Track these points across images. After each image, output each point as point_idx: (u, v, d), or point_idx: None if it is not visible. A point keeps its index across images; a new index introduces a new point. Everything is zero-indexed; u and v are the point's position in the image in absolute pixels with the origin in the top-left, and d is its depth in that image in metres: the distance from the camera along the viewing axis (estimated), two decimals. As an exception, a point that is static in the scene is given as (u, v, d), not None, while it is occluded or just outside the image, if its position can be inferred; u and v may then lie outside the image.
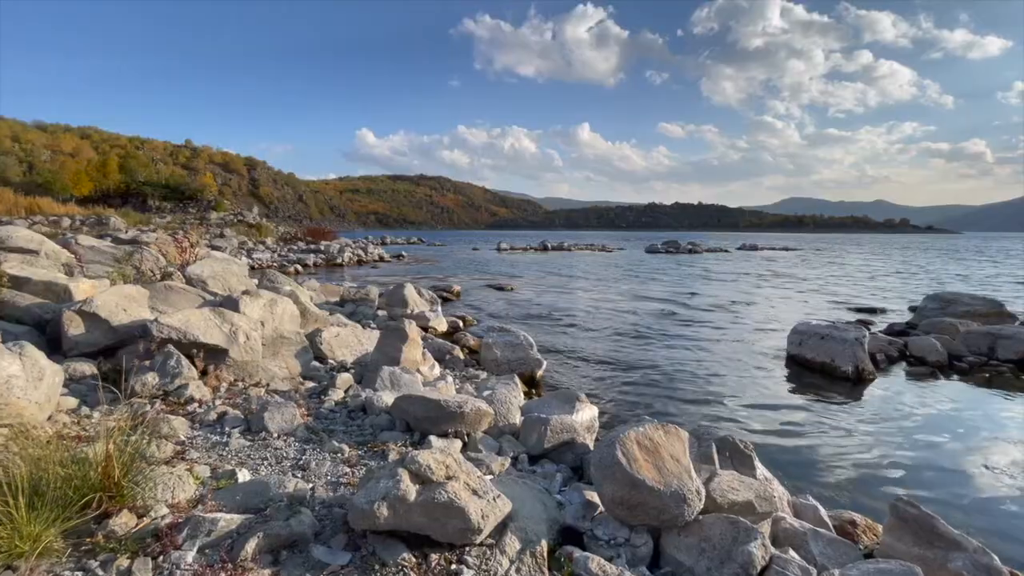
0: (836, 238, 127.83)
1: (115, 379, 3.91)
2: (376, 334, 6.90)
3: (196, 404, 3.51)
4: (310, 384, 4.60)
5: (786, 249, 54.45)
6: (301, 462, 2.73)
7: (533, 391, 6.16)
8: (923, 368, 7.57)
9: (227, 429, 3.09)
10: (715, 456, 3.05)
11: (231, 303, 5.13)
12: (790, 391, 6.51)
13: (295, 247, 32.38)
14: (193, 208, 54.17)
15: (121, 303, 4.35)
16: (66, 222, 25.37)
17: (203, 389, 3.70)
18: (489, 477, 2.80)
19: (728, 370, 7.42)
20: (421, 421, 3.20)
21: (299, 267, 22.81)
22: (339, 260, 26.77)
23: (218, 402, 3.63)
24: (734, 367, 7.59)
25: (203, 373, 4.02)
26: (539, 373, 6.55)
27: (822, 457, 4.53)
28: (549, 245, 49.01)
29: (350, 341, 6.18)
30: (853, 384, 6.84)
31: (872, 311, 13.13)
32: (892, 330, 9.84)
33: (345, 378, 4.36)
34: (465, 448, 3.14)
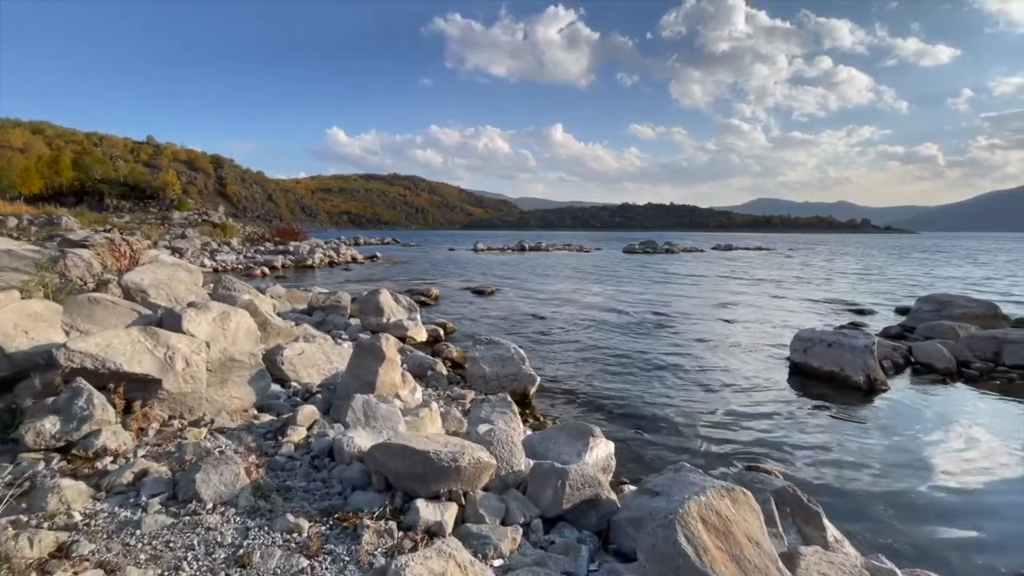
0: (804, 238, 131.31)
1: (9, 423, 3.07)
2: (348, 349, 6.12)
3: (109, 458, 2.71)
4: (266, 418, 3.82)
5: (759, 249, 55.28)
6: (241, 552, 1.98)
7: (527, 412, 5.49)
8: (932, 375, 7.21)
9: (143, 499, 2.31)
10: (776, 516, 2.43)
11: (172, 319, 4.29)
12: (802, 406, 6.01)
13: (263, 248, 30.91)
14: (155, 207, 51.56)
15: (22, 323, 3.48)
16: (12, 222, 23.46)
17: (122, 436, 2.90)
18: (499, 563, 2.11)
19: (732, 381, 6.90)
20: (404, 479, 2.48)
21: (266, 269, 21.59)
22: (309, 262, 25.57)
23: (141, 453, 2.83)
24: (737, 378, 7.08)
25: (126, 411, 3.20)
26: (532, 391, 5.88)
27: (862, 491, 4.00)
28: (527, 245, 48.47)
29: (317, 359, 5.39)
30: (865, 395, 6.40)
31: (861, 312, 12.93)
32: (889, 333, 9.54)
33: (309, 412, 3.60)
34: (462, 512, 2.44)
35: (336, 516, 2.31)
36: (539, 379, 6.01)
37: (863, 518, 3.58)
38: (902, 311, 12.71)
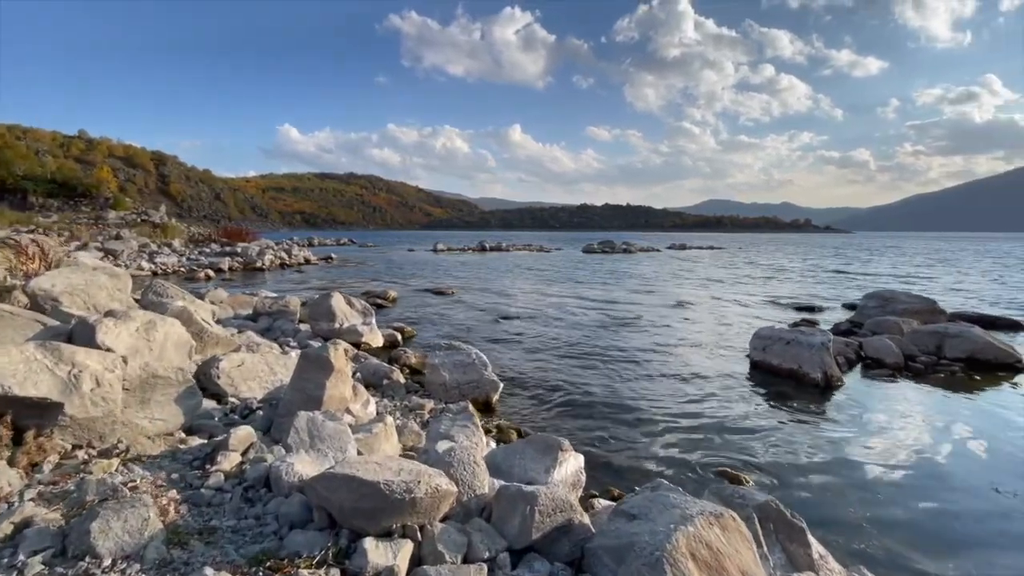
0: (751, 237, 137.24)
1: None
2: (295, 358, 5.65)
3: (-12, 503, 2.24)
4: (196, 441, 3.37)
5: (711, 248, 57.22)
6: (140, 624, 1.62)
7: (490, 420, 5.21)
8: (882, 370, 7.43)
9: (21, 557, 1.88)
10: (760, 534, 2.26)
11: (84, 331, 3.76)
12: (764, 405, 6.02)
13: (208, 250, 29.23)
14: (87, 206, 47.89)
15: None
16: (-89, 222, 21.12)
17: (6, 475, 2.42)
18: (460, 612, 1.83)
19: (695, 382, 6.87)
20: (351, 515, 2.15)
21: (211, 272, 20.36)
22: (259, 264, 24.34)
23: (29, 495, 2.36)
24: (700, 378, 7.06)
25: (16, 442, 2.71)
26: (495, 397, 5.61)
27: (830, 493, 3.96)
28: (487, 246, 48.18)
29: (259, 370, 4.91)
30: (822, 391, 6.50)
31: (811, 309, 13.39)
32: (839, 330, 9.84)
33: (244, 434, 3.18)
34: (419, 550, 2.14)
35: (268, 565, 1.96)
36: (502, 385, 5.75)
37: (834, 522, 3.52)
38: (848, 307, 13.25)
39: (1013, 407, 6.00)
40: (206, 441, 3.34)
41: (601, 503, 3.35)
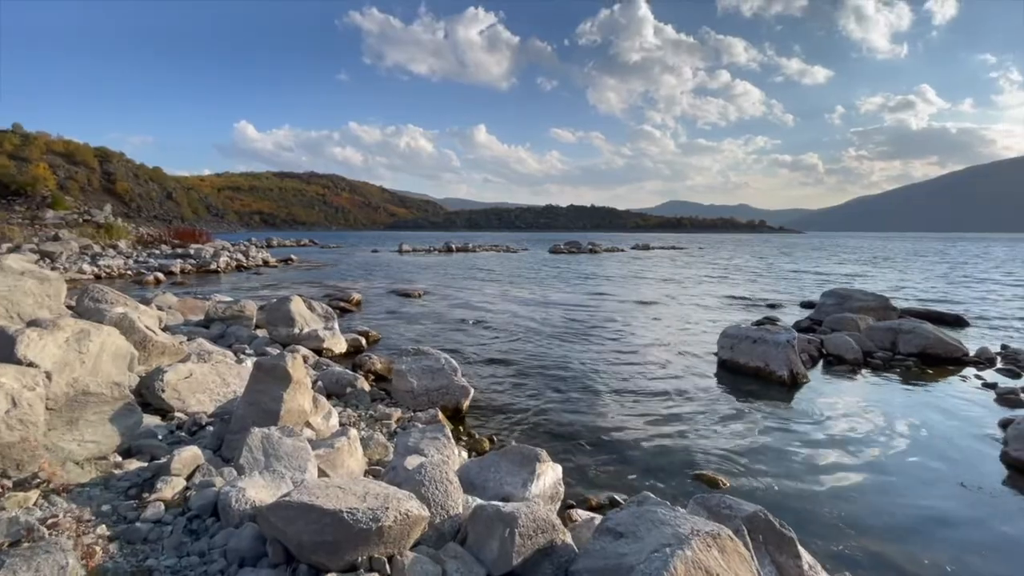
0: (711, 237, 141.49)
1: None
2: (251, 368, 5.29)
3: None
4: (134, 465, 3.02)
5: (673, 248, 58.60)
6: None
7: (461, 429, 5.00)
8: (843, 366, 7.64)
9: (-97, 623, 1.58)
10: (751, 547, 2.16)
11: (3, 344, 3.34)
12: (734, 405, 6.04)
13: (158, 252, 27.69)
14: (21, 205, 44.58)
15: None
16: None
17: None
18: (436, 659, 1.63)
19: (665, 382, 6.85)
20: (311, 548, 1.92)
21: (160, 275, 19.21)
22: (214, 266, 23.21)
23: (-78, 541, 2.01)
24: (671, 378, 7.06)
25: (-89, 477, 2.33)
26: (466, 404, 5.40)
27: (805, 493, 3.95)
28: (454, 246, 47.73)
29: (210, 382, 4.54)
30: (789, 389, 6.59)
31: (772, 307, 13.77)
32: (800, 327, 10.10)
33: (189, 455, 2.87)
34: (387, 585, 1.92)
35: (212, 613, 1.71)
36: (472, 391, 5.55)
37: (812, 522, 3.49)
38: (807, 305, 13.68)
39: (964, 399, 6.24)
40: (146, 464, 3.01)
41: (581, 515, 3.21)
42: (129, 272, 19.66)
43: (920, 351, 7.97)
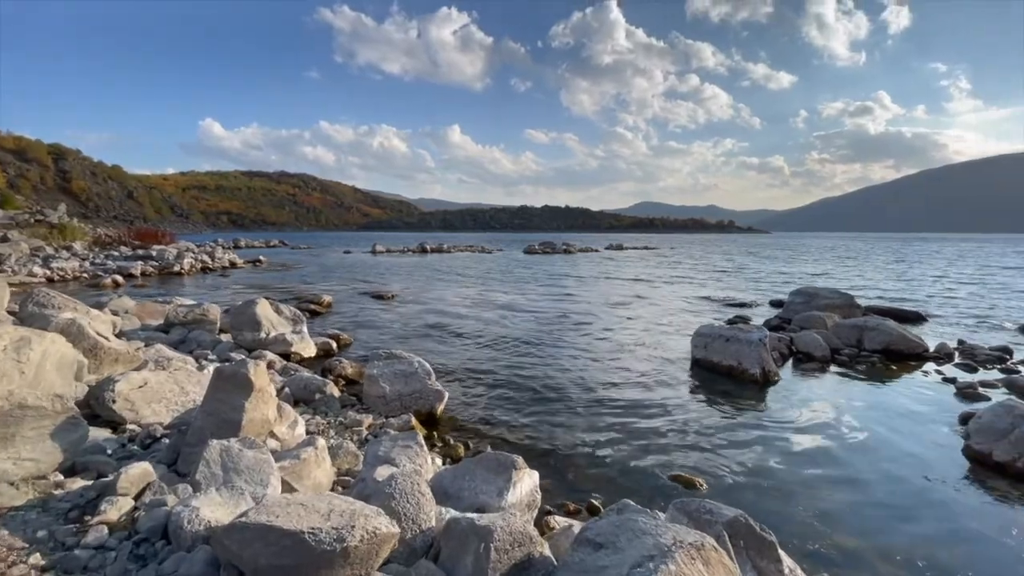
0: (681, 237, 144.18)
1: None
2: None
3: None
4: (78, 484, 2.79)
5: (646, 248, 59.43)
6: None
7: (435, 434, 4.86)
8: (812, 364, 7.80)
9: None
10: (732, 553, 2.11)
11: (-71, 353, 3.06)
12: (709, 404, 6.08)
13: (116, 253, 26.51)
14: (-34, 204, 42.07)
15: None
16: None
17: None
18: None
19: (640, 381, 6.86)
20: (268, 574, 1.78)
21: (119, 278, 18.34)
22: (177, 268, 22.35)
23: None
24: (645, 378, 7.07)
25: None
26: (440, 408, 5.26)
27: (780, 491, 3.97)
28: (428, 247, 47.27)
29: (167, 391, 4.29)
30: (761, 387, 6.68)
31: (743, 306, 14.03)
32: (770, 325, 10.30)
33: (138, 472, 2.67)
34: (353, 609, 1.79)
35: (155, 651, 1.55)
36: (447, 394, 5.42)
37: (788, 521, 3.50)
38: (776, 303, 14.00)
39: (927, 394, 6.44)
40: (91, 482, 2.78)
41: (558, 521, 3.13)
42: (85, 275, 18.74)
43: (884, 347, 8.21)
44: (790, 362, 8.00)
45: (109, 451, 3.33)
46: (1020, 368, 7.57)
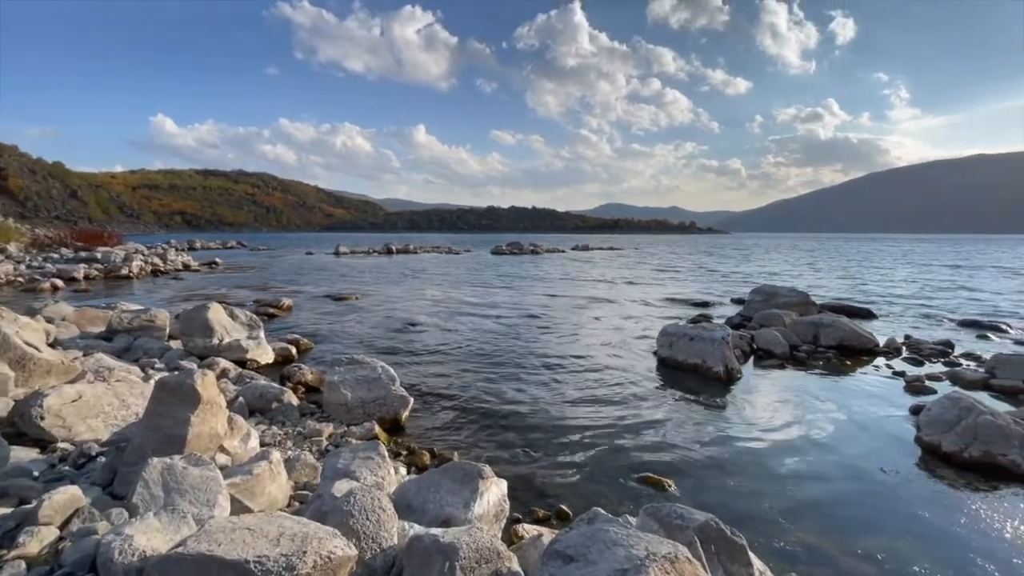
0: (645, 238, 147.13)
1: None
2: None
3: None
4: (-5, 511, 2.52)
5: (611, 248, 60.33)
6: None
7: (400, 442, 4.70)
8: (773, 360, 8.01)
9: None
10: (703, 558, 2.07)
11: None
12: (675, 402, 6.13)
13: (57, 255, 24.90)
14: None
15: None
16: None
17: None
18: None
19: (607, 382, 6.86)
20: (208, 608, 1.61)
21: (59, 282, 17.21)
22: (125, 271, 21.15)
23: None
24: (612, 377, 7.08)
25: None
26: (405, 415, 5.10)
27: (746, 489, 4.00)
28: (394, 248, 46.51)
29: (105, 404, 3.97)
30: (725, 384, 6.79)
31: (705, 304, 14.36)
32: (732, 323, 10.55)
33: (64, 499, 2.41)
34: (305, 643, 1.65)
35: None
36: (412, 400, 5.25)
37: (754, 518, 3.53)
38: (737, 301, 14.39)
39: (879, 388, 6.69)
40: (10, 511, 2.51)
41: (527, 530, 3.04)
42: (20, 279, 17.47)
43: (839, 343, 8.53)
44: (752, 359, 8.19)
45: (36, 473, 3.03)
46: (961, 361, 8.00)
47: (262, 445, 4.08)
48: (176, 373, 3.58)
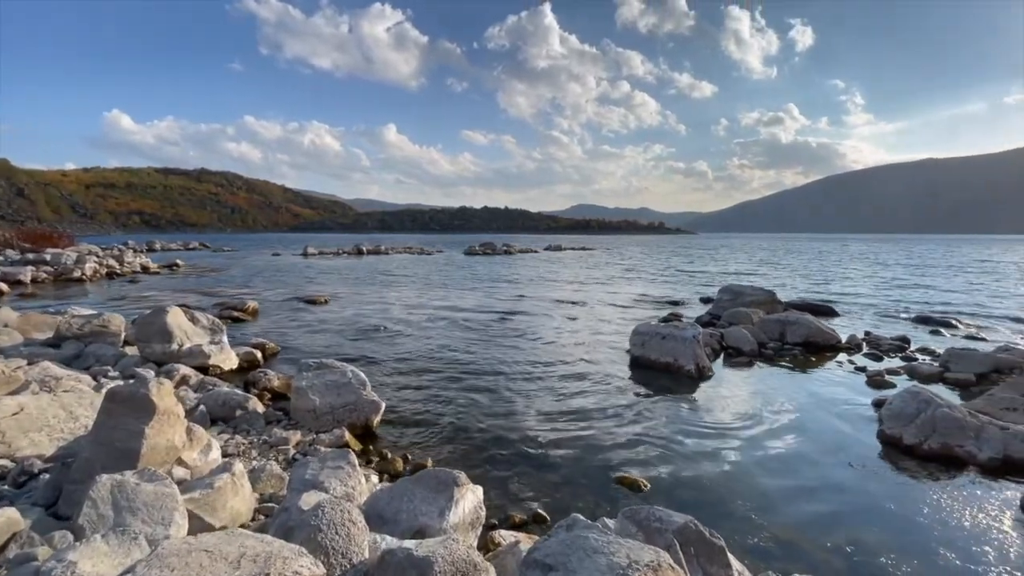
0: (616, 239, 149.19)
1: None
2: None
3: None
4: (-80, 539, 2.29)
5: (583, 248, 60.89)
6: None
7: (371, 448, 4.57)
8: (742, 358, 8.17)
9: None
10: (683, 561, 2.05)
11: None
12: (648, 401, 6.17)
13: (1, 257, 23.43)
14: None
15: None
16: None
17: None
18: None
19: (581, 382, 6.86)
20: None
21: (3, 286, 16.20)
22: (77, 273, 20.11)
23: None
24: (586, 377, 7.09)
25: None
26: (376, 420, 4.96)
27: (719, 486, 4.04)
28: (365, 248, 45.71)
29: (50, 416, 3.71)
30: (696, 382, 6.89)
31: (675, 303, 14.59)
32: (701, 322, 10.74)
33: (0, 522, 2.22)
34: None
35: None
36: (384, 405, 5.11)
37: (729, 516, 3.55)
38: (705, 300, 14.68)
39: (842, 383, 6.90)
40: (-63, 539, 2.29)
41: (504, 536, 2.97)
42: (-41, 282, 16.37)
43: (804, 340, 8.77)
44: (722, 356, 8.34)
45: (-31, 496, 2.79)
46: (917, 356, 8.34)
47: (225, 456, 3.89)
48: (130, 382, 3.37)
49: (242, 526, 2.90)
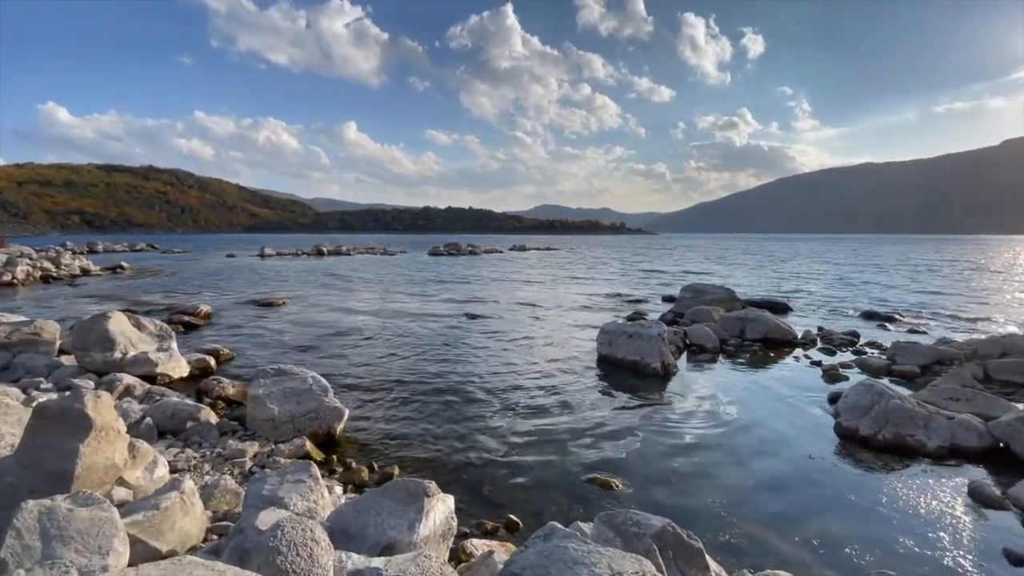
0: (579, 239, 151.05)
1: None
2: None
3: None
4: None
5: (548, 248, 61.31)
6: None
7: (335, 458, 4.36)
8: (705, 355, 8.35)
9: None
10: (663, 565, 2.01)
11: None
12: (616, 399, 6.19)
13: (-83, 260, 21.46)
14: None
15: None
16: None
17: None
18: None
19: (549, 383, 6.82)
20: None
21: (-80, 291, 14.82)
22: (7, 277, 18.64)
23: None
24: (555, 377, 7.07)
25: None
26: (339, 428, 4.75)
27: (690, 484, 4.07)
28: (325, 249, 44.47)
29: (-30, 436, 3.34)
30: (663, 380, 6.97)
31: (639, 302, 14.82)
32: (665, 320, 10.93)
33: (-95, 560, 1.95)
34: None
35: None
36: (347, 412, 4.91)
37: (700, 514, 3.57)
38: (668, 299, 14.98)
39: (800, 377, 7.15)
40: None
41: (476, 546, 2.87)
42: None
43: (763, 337, 9.06)
44: (685, 354, 8.49)
45: None
46: (867, 349, 8.74)
47: (174, 472, 3.63)
48: (64, 395, 3.08)
49: (193, 549, 2.68)
